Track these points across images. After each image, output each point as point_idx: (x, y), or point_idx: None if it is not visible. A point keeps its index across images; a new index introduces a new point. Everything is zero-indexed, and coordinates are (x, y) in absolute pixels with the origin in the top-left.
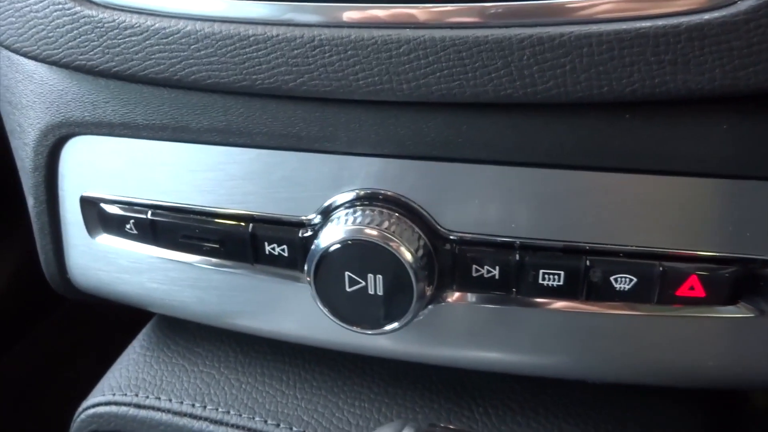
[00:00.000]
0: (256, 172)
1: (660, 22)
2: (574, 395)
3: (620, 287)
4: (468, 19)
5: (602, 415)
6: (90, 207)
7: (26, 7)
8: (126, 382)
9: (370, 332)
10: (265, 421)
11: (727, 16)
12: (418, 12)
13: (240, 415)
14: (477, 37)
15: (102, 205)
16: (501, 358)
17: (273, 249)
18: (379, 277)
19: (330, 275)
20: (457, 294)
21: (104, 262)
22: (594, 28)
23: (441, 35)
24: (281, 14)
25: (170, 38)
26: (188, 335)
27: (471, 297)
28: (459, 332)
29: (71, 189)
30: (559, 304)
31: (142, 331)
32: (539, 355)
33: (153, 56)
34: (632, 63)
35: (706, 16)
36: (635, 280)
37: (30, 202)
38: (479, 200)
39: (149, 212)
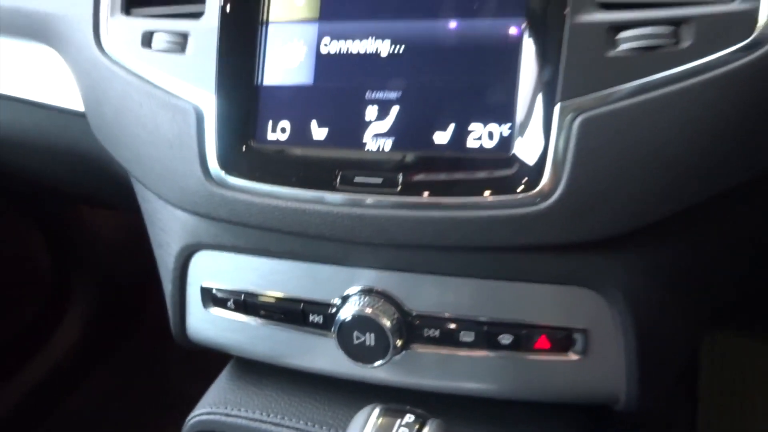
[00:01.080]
0: (306, 275)
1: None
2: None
3: (504, 342)
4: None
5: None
6: (206, 292)
7: (183, 181)
8: (218, 400)
9: (368, 367)
10: (306, 423)
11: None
12: (385, 199)
13: (291, 420)
14: (412, 215)
15: (214, 291)
16: (446, 383)
17: (314, 318)
18: (372, 335)
19: (345, 334)
20: (416, 345)
21: (211, 324)
22: (464, 213)
23: (395, 214)
24: (320, 198)
25: (265, 209)
26: (258, 370)
27: (424, 347)
28: (421, 368)
29: (195, 281)
30: (472, 352)
31: (226, 368)
32: (467, 381)
33: (254, 215)
34: (488, 230)
35: (528, 209)
36: (513, 337)
37: (168, 287)
38: (428, 293)
39: (242, 296)
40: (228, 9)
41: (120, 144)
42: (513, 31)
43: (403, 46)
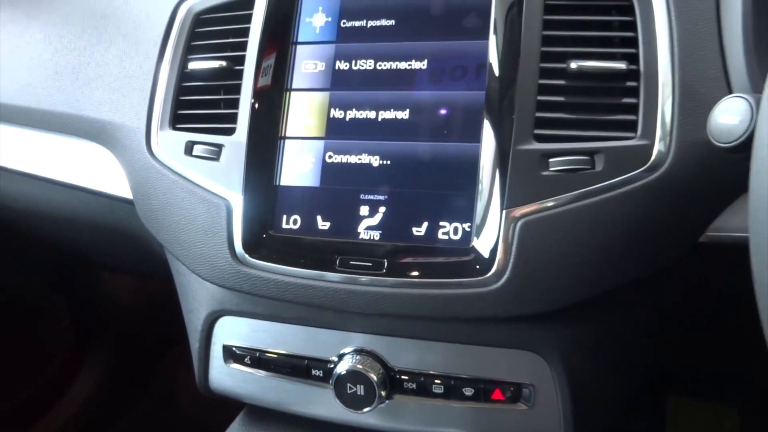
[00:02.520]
0: (310, 337)
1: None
2: None
3: (468, 393)
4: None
5: None
6: (227, 350)
7: (213, 260)
8: None
9: (359, 413)
10: None
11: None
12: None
13: None
14: (395, 292)
15: (234, 348)
16: (422, 428)
17: (316, 372)
18: (361, 386)
19: (341, 385)
20: (397, 395)
21: (230, 377)
22: (433, 291)
23: (382, 291)
24: (323, 276)
25: (279, 284)
26: (267, 415)
27: (404, 397)
28: (401, 415)
29: (218, 340)
30: (442, 401)
31: (239, 415)
32: (439, 426)
33: (270, 288)
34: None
35: (482, 289)
36: (474, 390)
37: (195, 345)
38: (408, 353)
39: (257, 354)
40: (254, 127)
41: (163, 229)
42: (472, 153)
43: (389, 161)
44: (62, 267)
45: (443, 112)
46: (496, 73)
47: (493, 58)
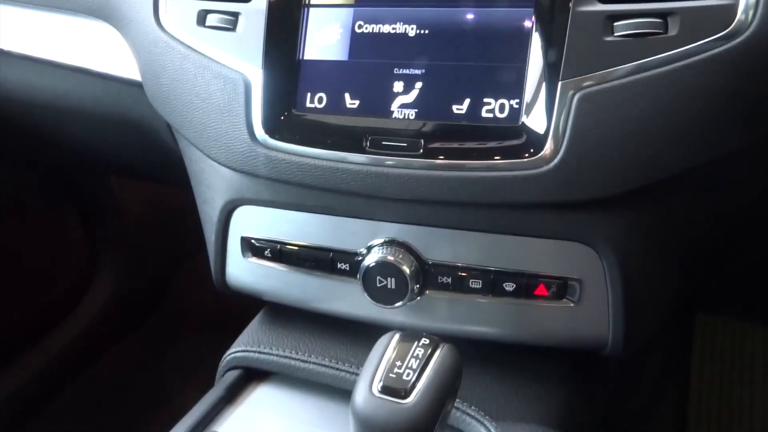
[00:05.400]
0: (336, 227)
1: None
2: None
3: (508, 289)
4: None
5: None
6: (245, 242)
7: (231, 143)
8: (251, 340)
9: (388, 308)
10: (331, 361)
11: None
12: (408, 161)
13: (317, 358)
14: (431, 175)
15: (252, 241)
16: (456, 326)
17: (342, 265)
18: (393, 279)
19: (369, 278)
20: (430, 290)
21: (249, 272)
22: (476, 174)
23: (417, 174)
24: (351, 158)
25: (303, 168)
26: (286, 316)
27: (437, 293)
28: (434, 312)
29: (235, 232)
30: (479, 297)
31: (258, 315)
32: (474, 325)
33: (292, 173)
34: (496, 189)
35: (531, 172)
36: (515, 285)
37: (211, 238)
38: (442, 245)
39: (278, 246)
40: None
41: (175, 110)
42: (523, 18)
43: (427, 30)
44: (72, 173)
45: None
46: None
47: None
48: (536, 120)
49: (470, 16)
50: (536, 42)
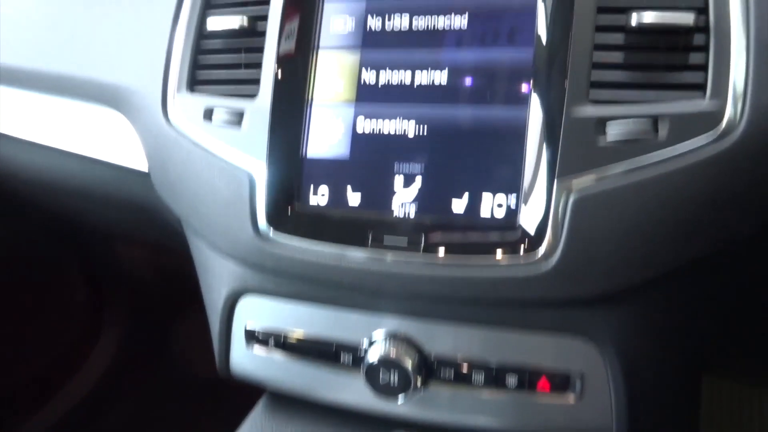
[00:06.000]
0: (339, 319)
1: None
2: None
3: (510, 383)
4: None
5: None
6: (249, 333)
7: (235, 236)
8: (253, 429)
9: (391, 402)
10: None
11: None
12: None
13: None
14: (432, 272)
15: (256, 331)
16: (459, 419)
17: (344, 358)
18: (395, 373)
19: (373, 373)
20: (434, 383)
21: (252, 361)
22: (475, 272)
23: (418, 271)
24: (353, 254)
25: (305, 262)
26: (287, 406)
27: (440, 386)
28: (437, 405)
29: (239, 322)
30: (482, 391)
31: (258, 403)
32: (477, 418)
33: (295, 267)
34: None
35: (529, 270)
36: (517, 379)
37: (215, 327)
38: (445, 339)
39: (282, 336)
40: (279, 91)
41: (180, 201)
42: (519, 119)
43: (426, 127)
44: (76, 239)
45: (486, 72)
46: (546, 27)
47: (543, 12)
48: (533, 218)
49: (468, 115)
50: (532, 142)
